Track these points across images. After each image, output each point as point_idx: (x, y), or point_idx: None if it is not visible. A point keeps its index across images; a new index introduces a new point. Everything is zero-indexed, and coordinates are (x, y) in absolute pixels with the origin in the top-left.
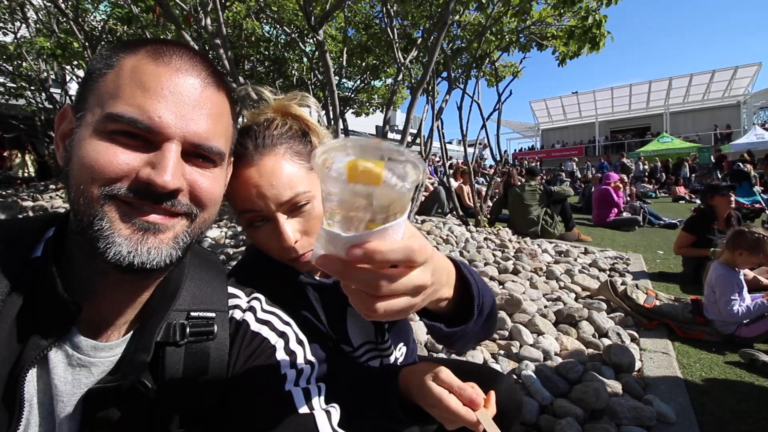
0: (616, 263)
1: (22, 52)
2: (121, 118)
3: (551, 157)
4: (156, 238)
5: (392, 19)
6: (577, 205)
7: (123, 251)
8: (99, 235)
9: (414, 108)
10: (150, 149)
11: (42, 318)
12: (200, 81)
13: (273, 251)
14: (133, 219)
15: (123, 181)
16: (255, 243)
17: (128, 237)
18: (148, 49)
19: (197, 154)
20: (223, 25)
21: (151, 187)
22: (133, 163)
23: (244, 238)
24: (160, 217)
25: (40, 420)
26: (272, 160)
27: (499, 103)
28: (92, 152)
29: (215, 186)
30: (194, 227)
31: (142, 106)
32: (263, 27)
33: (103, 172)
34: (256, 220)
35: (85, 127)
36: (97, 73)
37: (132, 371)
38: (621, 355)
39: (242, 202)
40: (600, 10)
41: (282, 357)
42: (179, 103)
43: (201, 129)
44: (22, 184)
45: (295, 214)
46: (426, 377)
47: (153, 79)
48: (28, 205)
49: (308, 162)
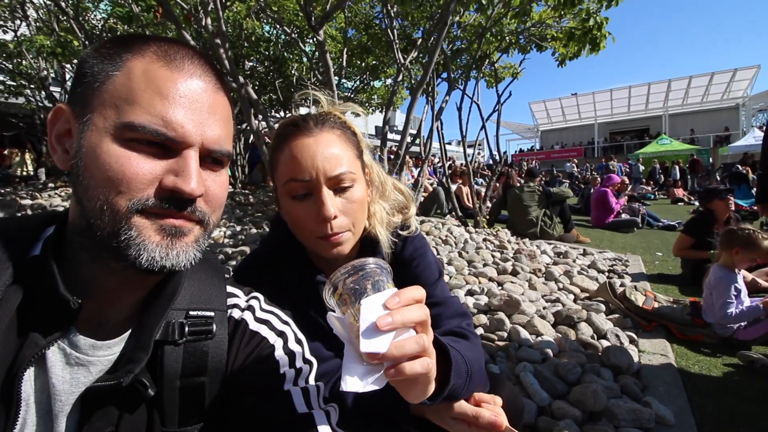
0: (615, 265)
1: (22, 50)
2: (143, 129)
3: (550, 158)
4: (182, 241)
5: (392, 19)
6: (576, 206)
7: (156, 256)
8: (129, 244)
9: (414, 108)
10: (168, 156)
11: (40, 316)
12: (212, 86)
13: (307, 226)
14: (162, 225)
15: (149, 191)
16: (289, 218)
17: (159, 243)
18: (155, 51)
19: (210, 158)
20: (223, 25)
21: (177, 194)
22: (156, 171)
23: (242, 238)
24: (182, 222)
25: (36, 419)
26: (330, 135)
27: (499, 104)
28: (115, 164)
29: (222, 189)
30: (207, 232)
31: (164, 116)
32: (263, 27)
33: (130, 185)
34: (300, 191)
35: (96, 132)
36: (101, 73)
37: (130, 370)
38: (620, 356)
39: (292, 170)
40: (600, 12)
41: (281, 356)
42: (196, 111)
43: (216, 134)
44: (21, 182)
45: (338, 194)
46: (443, 414)
47: (170, 86)
48: (26, 204)
49: (357, 152)
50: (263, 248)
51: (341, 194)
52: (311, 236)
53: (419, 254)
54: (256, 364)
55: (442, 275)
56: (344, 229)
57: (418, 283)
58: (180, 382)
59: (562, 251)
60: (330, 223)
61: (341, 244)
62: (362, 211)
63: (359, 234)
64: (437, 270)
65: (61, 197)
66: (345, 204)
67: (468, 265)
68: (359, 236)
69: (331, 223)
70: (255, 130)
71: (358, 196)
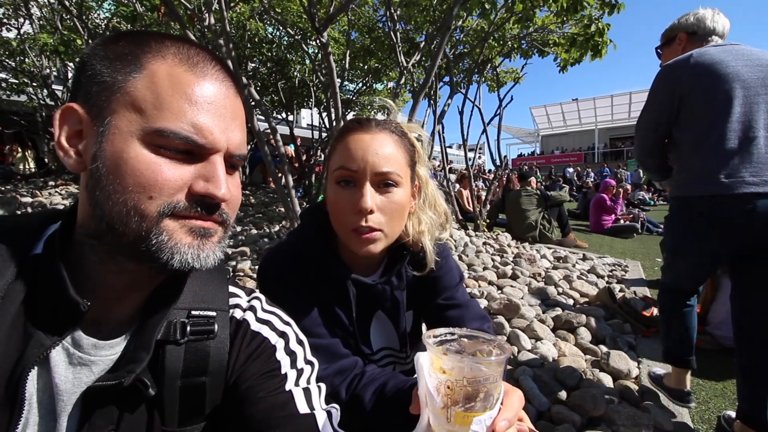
0: (615, 270)
1: (25, 49)
2: (176, 136)
3: (550, 163)
4: (209, 242)
5: (395, 23)
6: (576, 211)
7: (188, 258)
8: (161, 248)
9: (416, 112)
10: (195, 161)
11: (45, 316)
12: (233, 91)
13: (343, 214)
14: (191, 227)
15: (178, 196)
16: (330, 206)
17: (191, 244)
18: (175, 54)
19: (229, 162)
20: (227, 25)
21: (208, 199)
22: (185, 177)
23: (242, 239)
24: (210, 224)
25: (39, 419)
26: (386, 137)
27: (500, 108)
28: (146, 170)
29: (239, 191)
30: (227, 231)
31: (195, 123)
32: (266, 28)
33: (162, 191)
34: (345, 178)
35: (119, 136)
36: (119, 74)
37: (132, 369)
38: (619, 361)
39: (343, 159)
40: (603, 19)
41: (282, 357)
42: (222, 117)
43: (238, 139)
44: (21, 179)
45: (381, 191)
46: None
47: (197, 92)
48: (26, 202)
49: (409, 160)
50: (291, 240)
51: (383, 193)
52: (347, 228)
53: (442, 258)
54: (257, 364)
55: (462, 279)
56: (378, 226)
57: (439, 285)
58: (181, 381)
59: (562, 256)
60: (366, 216)
61: (373, 243)
62: (400, 216)
63: (393, 238)
64: (458, 274)
65: (62, 195)
66: (384, 202)
67: (468, 268)
68: (392, 240)
69: (366, 217)
70: (256, 131)
71: (399, 198)
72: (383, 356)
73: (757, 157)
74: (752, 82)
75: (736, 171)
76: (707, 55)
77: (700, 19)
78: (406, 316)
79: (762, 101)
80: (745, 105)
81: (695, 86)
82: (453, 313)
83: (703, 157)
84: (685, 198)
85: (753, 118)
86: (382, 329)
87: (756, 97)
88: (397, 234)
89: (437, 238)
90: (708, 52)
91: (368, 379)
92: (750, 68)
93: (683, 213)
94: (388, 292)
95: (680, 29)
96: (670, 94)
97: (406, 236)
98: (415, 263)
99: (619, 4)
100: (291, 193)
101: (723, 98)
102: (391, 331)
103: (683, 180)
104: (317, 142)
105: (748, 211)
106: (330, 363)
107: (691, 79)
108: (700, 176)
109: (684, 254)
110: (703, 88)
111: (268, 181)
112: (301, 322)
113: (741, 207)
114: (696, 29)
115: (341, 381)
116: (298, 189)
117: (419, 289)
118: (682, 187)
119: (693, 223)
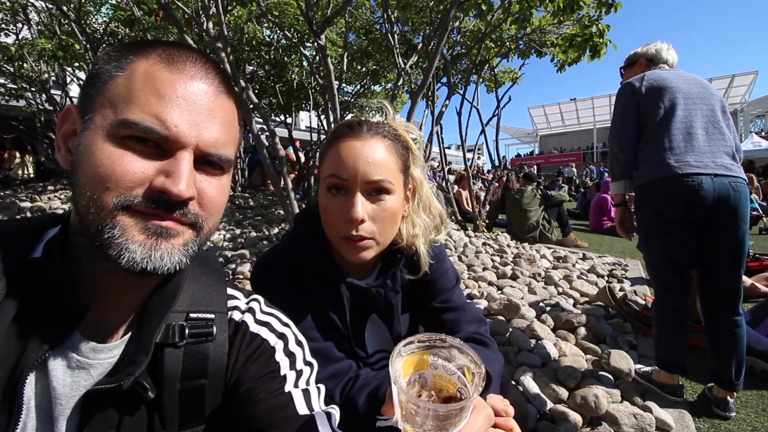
0: (615, 269)
1: (23, 54)
2: (136, 126)
3: (549, 163)
4: (168, 243)
5: (393, 24)
6: (575, 210)
7: (137, 258)
8: (110, 243)
9: (414, 113)
10: (162, 156)
11: (43, 320)
12: (213, 89)
13: (334, 222)
14: (147, 224)
15: (137, 190)
16: (322, 211)
17: (142, 243)
18: (160, 54)
19: (207, 161)
20: (224, 29)
21: (165, 195)
22: (147, 171)
23: (242, 241)
24: (171, 223)
25: (37, 423)
26: (378, 142)
27: (498, 108)
28: (106, 160)
29: (221, 194)
30: (201, 237)
31: (158, 115)
32: (264, 31)
33: (118, 182)
34: (337, 186)
35: (94, 131)
36: (107, 74)
37: (131, 372)
38: (619, 361)
39: (334, 166)
40: (602, 20)
41: (281, 358)
42: (193, 112)
43: (213, 137)
44: (20, 184)
45: (372, 199)
46: None
47: (168, 87)
48: (26, 206)
49: (402, 165)
50: (285, 242)
51: (375, 201)
52: (337, 234)
53: (438, 260)
54: (257, 365)
55: (459, 281)
56: (369, 235)
57: (435, 288)
58: (180, 384)
59: (562, 255)
60: (357, 222)
61: (364, 250)
62: (392, 223)
63: (385, 244)
64: (454, 276)
65: (61, 200)
66: (376, 210)
67: (467, 269)
68: (384, 246)
69: (357, 224)
70: (255, 134)
71: (391, 206)
72: (379, 359)
73: (698, 148)
74: (691, 94)
75: (682, 157)
76: (657, 74)
77: (658, 50)
78: (401, 320)
79: (698, 109)
80: (686, 110)
81: (648, 96)
82: (449, 317)
83: (655, 150)
84: (645, 184)
85: (692, 120)
86: (377, 332)
87: (694, 105)
88: (389, 240)
89: (432, 240)
90: (658, 73)
91: (362, 382)
92: (689, 84)
93: (644, 198)
94: (383, 296)
95: (642, 56)
96: (633, 102)
97: (400, 240)
98: (409, 266)
99: (615, 3)
100: (290, 196)
101: (669, 105)
102: (386, 334)
103: (641, 170)
104: (316, 145)
105: (695, 188)
106: (324, 366)
107: (646, 90)
108: (655, 164)
109: (655, 237)
110: (654, 97)
111: (267, 183)
112: (295, 325)
113: (688, 184)
114: (654, 57)
115: (335, 384)
116: (297, 191)
117: (415, 292)
118: (641, 175)
119: (654, 205)
